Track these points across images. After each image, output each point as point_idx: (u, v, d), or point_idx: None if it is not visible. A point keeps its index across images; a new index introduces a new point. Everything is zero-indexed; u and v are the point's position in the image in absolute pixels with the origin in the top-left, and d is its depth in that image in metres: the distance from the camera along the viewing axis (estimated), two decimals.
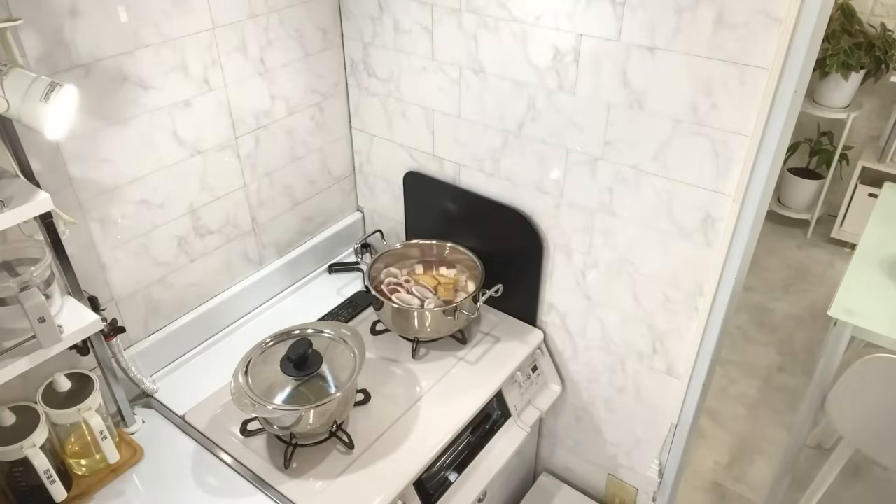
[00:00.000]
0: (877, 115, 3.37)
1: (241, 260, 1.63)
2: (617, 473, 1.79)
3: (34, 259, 1.09)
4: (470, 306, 1.53)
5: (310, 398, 1.25)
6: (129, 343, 1.42)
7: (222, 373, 1.38)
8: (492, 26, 1.39)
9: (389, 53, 1.60)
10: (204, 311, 1.56)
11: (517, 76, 1.41)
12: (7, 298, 1.03)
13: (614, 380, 1.63)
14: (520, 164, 1.50)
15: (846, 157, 3.44)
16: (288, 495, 1.23)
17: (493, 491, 1.67)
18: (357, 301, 1.72)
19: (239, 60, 1.44)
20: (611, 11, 1.22)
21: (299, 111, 1.63)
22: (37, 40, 1.10)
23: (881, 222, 2.29)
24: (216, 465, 1.30)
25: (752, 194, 1.21)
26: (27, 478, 1.13)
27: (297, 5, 1.52)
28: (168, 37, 1.28)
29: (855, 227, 3.31)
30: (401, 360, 1.55)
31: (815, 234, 3.55)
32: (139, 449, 1.31)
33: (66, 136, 1.17)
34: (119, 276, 1.36)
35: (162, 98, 1.31)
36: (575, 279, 1.56)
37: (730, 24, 1.11)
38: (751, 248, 1.29)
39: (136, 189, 1.33)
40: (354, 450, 1.32)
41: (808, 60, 1.08)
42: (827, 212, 3.57)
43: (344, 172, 1.86)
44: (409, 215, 1.81)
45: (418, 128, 1.66)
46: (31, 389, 1.20)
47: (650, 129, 1.27)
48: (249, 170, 1.56)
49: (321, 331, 1.39)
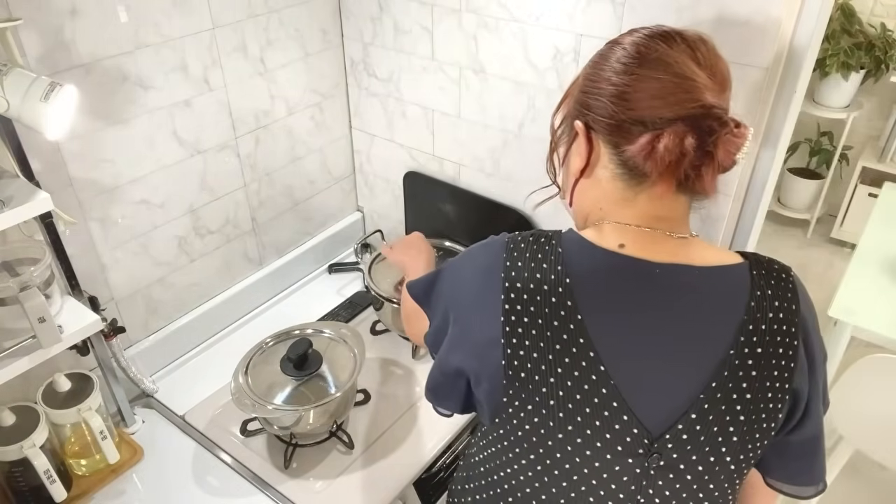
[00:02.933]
0: (877, 115, 3.38)
1: (240, 260, 1.63)
2: None
3: (34, 259, 1.09)
4: None
5: (310, 398, 1.25)
6: (129, 343, 1.42)
7: (222, 373, 1.38)
8: (492, 26, 1.39)
9: (389, 53, 1.60)
10: (204, 311, 1.56)
11: (517, 76, 1.40)
12: (7, 298, 1.03)
13: None
14: (520, 164, 1.50)
15: (846, 157, 3.45)
16: (288, 495, 1.23)
17: None
18: (357, 301, 1.72)
19: (239, 60, 1.44)
20: (611, 11, 1.22)
21: (299, 111, 1.63)
22: (37, 40, 1.10)
23: (881, 222, 2.29)
24: (216, 465, 1.30)
25: (753, 194, 1.21)
26: (27, 478, 1.13)
27: (297, 5, 1.52)
28: (168, 37, 1.28)
29: (855, 227, 3.32)
30: (401, 360, 1.55)
31: (815, 234, 3.55)
32: (139, 449, 1.31)
33: (66, 136, 1.17)
34: (119, 276, 1.36)
35: (162, 98, 1.31)
36: None
37: (730, 24, 1.11)
38: (751, 248, 1.29)
39: (136, 189, 1.33)
40: (354, 450, 1.32)
41: (808, 60, 1.08)
42: (827, 212, 3.57)
43: (344, 172, 1.86)
44: (409, 215, 1.81)
45: (418, 128, 1.66)
46: (31, 389, 1.20)
47: None
48: (249, 170, 1.56)
49: (321, 331, 1.39)
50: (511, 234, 0.83)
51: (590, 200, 0.83)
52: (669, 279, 0.76)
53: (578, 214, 0.87)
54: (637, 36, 0.78)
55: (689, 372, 0.75)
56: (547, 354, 0.75)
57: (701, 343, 0.75)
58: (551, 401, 0.76)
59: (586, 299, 0.75)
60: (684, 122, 0.71)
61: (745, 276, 0.77)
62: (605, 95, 0.76)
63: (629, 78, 0.74)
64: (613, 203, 0.79)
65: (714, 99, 0.73)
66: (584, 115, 0.79)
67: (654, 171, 0.74)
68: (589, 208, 0.83)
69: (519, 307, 0.76)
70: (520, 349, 0.76)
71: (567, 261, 0.76)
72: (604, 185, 0.80)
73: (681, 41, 0.76)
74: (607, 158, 0.78)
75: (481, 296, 0.80)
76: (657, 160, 0.72)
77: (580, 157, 0.81)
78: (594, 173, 0.81)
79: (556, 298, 0.75)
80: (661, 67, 0.73)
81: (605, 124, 0.76)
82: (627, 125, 0.74)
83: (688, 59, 0.74)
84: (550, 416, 0.76)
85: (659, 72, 0.73)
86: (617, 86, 0.75)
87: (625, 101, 0.74)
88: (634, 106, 0.73)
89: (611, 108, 0.75)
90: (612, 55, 0.77)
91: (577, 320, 0.74)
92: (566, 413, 0.76)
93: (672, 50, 0.74)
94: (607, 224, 0.79)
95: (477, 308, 0.80)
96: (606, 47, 0.80)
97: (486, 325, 0.78)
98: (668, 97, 0.72)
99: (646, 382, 0.75)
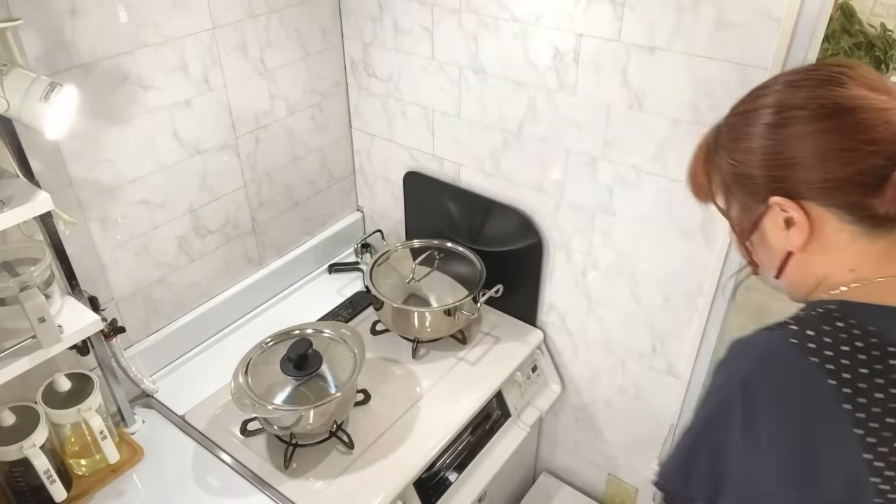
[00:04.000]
0: None
1: (240, 260, 1.63)
2: (617, 473, 1.79)
3: (34, 259, 1.09)
4: (470, 306, 1.53)
5: (310, 398, 1.25)
6: (129, 343, 1.42)
7: (222, 373, 1.38)
8: (492, 26, 1.39)
9: (389, 53, 1.60)
10: (204, 311, 1.56)
11: (517, 76, 1.40)
12: (7, 298, 1.03)
13: (614, 380, 1.63)
14: (520, 164, 1.50)
15: None
16: (288, 495, 1.23)
17: (493, 491, 1.67)
18: (357, 301, 1.72)
19: (239, 60, 1.44)
20: (611, 11, 1.22)
21: (299, 111, 1.63)
22: (37, 40, 1.10)
23: None
24: (216, 465, 1.30)
25: None
26: (27, 478, 1.13)
27: (297, 5, 1.52)
28: (168, 37, 1.28)
29: None
30: (401, 360, 1.55)
31: None
32: (139, 449, 1.31)
33: (66, 136, 1.17)
34: (119, 276, 1.36)
35: (162, 98, 1.31)
36: (575, 279, 1.56)
37: (730, 24, 1.11)
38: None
39: (136, 189, 1.33)
40: (354, 450, 1.32)
41: (808, 60, 1.08)
42: None
43: (344, 172, 1.86)
44: (409, 215, 1.81)
45: (418, 128, 1.66)
46: (31, 389, 1.20)
47: (650, 128, 1.27)
48: (249, 170, 1.56)
49: (321, 331, 1.39)
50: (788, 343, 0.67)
51: (821, 266, 0.74)
52: None
53: (800, 286, 0.79)
54: (802, 90, 0.71)
55: None
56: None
57: None
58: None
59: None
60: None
61: None
62: (807, 157, 0.69)
63: (827, 134, 0.68)
64: (870, 261, 0.71)
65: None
66: (775, 188, 0.72)
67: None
68: (821, 275, 0.75)
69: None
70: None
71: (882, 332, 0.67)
72: (845, 246, 0.71)
73: (845, 77, 0.70)
74: (839, 221, 0.70)
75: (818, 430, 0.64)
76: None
77: (796, 232, 0.72)
78: (818, 239, 0.72)
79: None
80: (854, 111, 0.67)
81: (822, 189, 0.69)
82: (857, 179, 0.67)
83: (867, 91, 0.69)
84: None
85: (859, 114, 0.67)
86: (820, 144, 0.68)
87: (842, 155, 0.67)
88: (856, 158, 0.66)
89: (828, 169, 0.68)
90: (787, 119, 0.71)
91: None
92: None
93: (848, 89, 0.69)
94: (879, 281, 0.71)
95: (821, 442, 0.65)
96: (751, 114, 0.75)
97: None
98: (874, 132, 0.66)
99: None
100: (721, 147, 0.78)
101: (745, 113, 0.76)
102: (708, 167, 0.81)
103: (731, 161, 0.76)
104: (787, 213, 0.72)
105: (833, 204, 0.69)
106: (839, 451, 0.62)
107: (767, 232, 0.76)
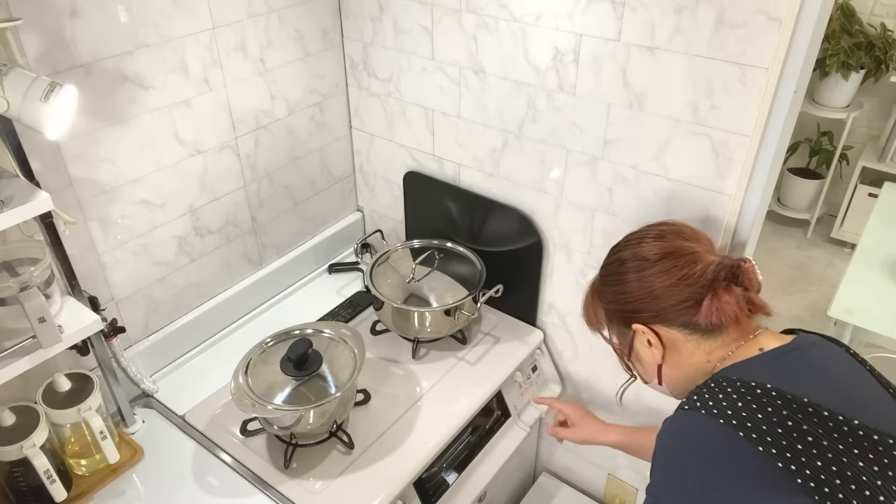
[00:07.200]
0: (877, 115, 3.37)
1: (241, 260, 1.63)
2: (617, 473, 1.79)
3: (34, 259, 1.09)
4: (470, 306, 1.53)
5: (310, 398, 1.25)
6: (129, 343, 1.42)
7: (222, 373, 1.38)
8: (492, 26, 1.39)
9: (389, 53, 1.60)
10: (204, 311, 1.56)
11: (517, 76, 1.40)
12: (7, 298, 1.03)
13: (615, 380, 1.62)
14: (520, 164, 1.50)
15: (846, 157, 3.44)
16: (288, 495, 1.23)
17: (493, 491, 1.67)
18: (357, 301, 1.72)
19: (239, 60, 1.44)
20: (611, 11, 1.22)
21: (299, 111, 1.63)
22: (37, 40, 1.10)
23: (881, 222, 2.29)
24: (216, 465, 1.30)
25: (752, 194, 1.21)
26: (27, 478, 1.13)
27: (297, 5, 1.52)
28: (168, 37, 1.28)
29: (855, 227, 3.31)
30: (401, 360, 1.55)
31: (815, 234, 3.55)
32: (139, 449, 1.31)
33: (66, 136, 1.17)
34: (119, 276, 1.36)
35: (162, 98, 1.32)
36: (575, 279, 1.56)
37: (730, 24, 1.11)
38: (751, 248, 1.29)
39: (136, 189, 1.33)
40: (354, 450, 1.32)
41: (808, 60, 1.08)
42: (827, 212, 3.57)
43: (344, 172, 1.86)
44: (409, 215, 1.81)
45: (418, 128, 1.66)
46: (31, 389, 1.20)
47: (650, 129, 1.27)
48: (249, 170, 1.56)
49: (321, 331, 1.39)
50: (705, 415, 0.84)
51: (687, 368, 0.97)
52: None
53: (679, 383, 1.00)
54: (636, 248, 0.98)
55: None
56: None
57: None
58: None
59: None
60: (714, 280, 0.91)
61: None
62: (646, 295, 0.95)
63: (658, 275, 0.94)
64: (718, 349, 0.94)
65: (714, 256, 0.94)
66: (634, 318, 0.97)
67: (725, 320, 0.91)
68: (692, 372, 0.96)
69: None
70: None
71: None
72: (694, 350, 0.95)
73: (666, 233, 0.98)
74: (683, 335, 0.95)
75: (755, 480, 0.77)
76: (722, 312, 0.90)
77: (655, 349, 0.97)
78: (675, 350, 0.96)
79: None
80: (673, 256, 0.94)
81: (662, 315, 0.94)
82: (682, 306, 0.92)
83: (681, 240, 0.96)
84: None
85: (674, 259, 0.94)
86: (652, 284, 0.94)
87: (669, 290, 0.93)
88: (669, 293, 0.93)
89: (662, 301, 0.93)
90: (626, 270, 0.98)
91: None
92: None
93: (667, 242, 0.96)
94: (741, 348, 0.93)
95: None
96: (614, 266, 1.01)
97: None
98: (687, 274, 0.92)
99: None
100: (600, 290, 1.04)
101: (608, 265, 1.03)
102: (595, 305, 1.05)
103: (605, 301, 1.02)
104: (647, 336, 0.96)
105: (675, 324, 0.94)
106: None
107: (640, 352, 1.00)
